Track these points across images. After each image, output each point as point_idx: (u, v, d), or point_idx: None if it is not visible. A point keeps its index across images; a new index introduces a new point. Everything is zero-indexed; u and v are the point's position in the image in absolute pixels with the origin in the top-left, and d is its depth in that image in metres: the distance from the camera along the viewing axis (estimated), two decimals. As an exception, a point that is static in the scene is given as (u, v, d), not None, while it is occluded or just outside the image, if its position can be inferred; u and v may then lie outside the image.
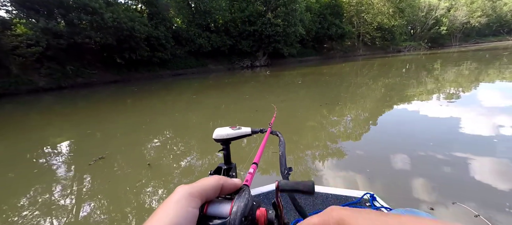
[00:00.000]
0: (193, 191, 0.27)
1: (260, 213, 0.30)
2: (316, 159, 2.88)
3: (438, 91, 6.32)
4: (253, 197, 0.31)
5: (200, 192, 0.28)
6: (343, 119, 4.42)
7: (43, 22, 11.19)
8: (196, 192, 0.27)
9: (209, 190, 0.29)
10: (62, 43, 12.68)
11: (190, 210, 0.26)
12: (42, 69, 13.39)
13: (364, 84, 8.43)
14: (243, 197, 0.29)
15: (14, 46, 12.14)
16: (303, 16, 25.57)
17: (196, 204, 0.27)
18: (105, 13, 12.93)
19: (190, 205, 0.26)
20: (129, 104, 8.15)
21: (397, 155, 2.73)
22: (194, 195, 0.27)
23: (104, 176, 2.76)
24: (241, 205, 0.28)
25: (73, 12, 12.26)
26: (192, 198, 0.27)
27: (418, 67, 13.59)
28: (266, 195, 1.16)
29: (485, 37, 49.36)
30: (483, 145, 2.85)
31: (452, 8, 44.62)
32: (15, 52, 12.25)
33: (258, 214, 0.30)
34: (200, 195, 0.28)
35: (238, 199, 0.29)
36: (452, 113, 4.13)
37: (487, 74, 8.53)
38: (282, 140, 0.64)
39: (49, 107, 9.01)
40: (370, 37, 37.27)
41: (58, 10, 11.83)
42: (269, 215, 0.30)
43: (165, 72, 19.83)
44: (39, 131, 5.31)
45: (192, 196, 0.27)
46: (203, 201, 0.28)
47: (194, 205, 0.26)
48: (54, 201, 2.33)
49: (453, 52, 26.31)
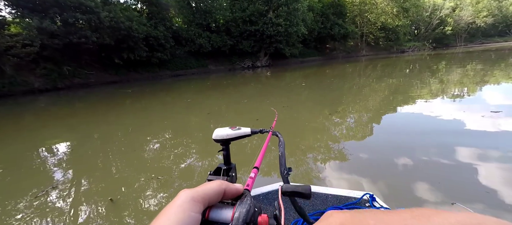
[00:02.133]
0: (196, 195, 0.27)
1: (261, 219, 0.30)
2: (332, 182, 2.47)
3: (450, 92, 6.00)
4: (254, 199, 0.31)
5: (203, 197, 0.28)
6: (361, 132, 3.78)
7: (37, 21, 10.83)
8: (199, 196, 0.28)
9: (212, 195, 0.29)
10: (58, 43, 12.34)
11: (193, 215, 0.26)
12: (37, 70, 13.09)
13: (377, 88, 7.96)
14: (245, 203, 0.30)
15: (8, 46, 11.82)
16: (305, 16, 25.08)
17: (199, 209, 0.27)
18: (102, 12, 12.57)
19: (192, 210, 0.26)
20: (113, 109, 7.78)
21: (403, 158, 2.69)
22: (197, 199, 0.27)
23: (101, 180, 2.71)
24: (243, 211, 0.28)
25: (68, 11, 11.91)
26: (194, 203, 0.27)
27: (425, 67, 13.10)
28: (266, 195, 1.14)
29: (490, 37, 48.47)
30: (486, 147, 2.80)
31: (457, 8, 43.86)
32: (10, 53, 11.92)
33: (260, 220, 0.30)
34: (202, 200, 0.28)
35: (240, 205, 0.29)
36: (474, 120, 3.81)
37: (492, 75, 8.29)
38: (281, 141, 0.62)
39: (39, 110, 8.66)
40: (374, 37, 36.65)
41: (53, 9, 11.47)
42: (270, 222, 0.30)
43: (164, 72, 19.49)
44: (33, 133, 5.15)
45: (195, 200, 0.27)
46: (205, 205, 0.28)
47: (197, 210, 0.27)
48: (49, 205, 2.27)
49: (459, 52, 25.73)
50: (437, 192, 2.01)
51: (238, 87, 10.44)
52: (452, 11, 43.60)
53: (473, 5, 43.42)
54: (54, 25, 11.40)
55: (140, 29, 15.48)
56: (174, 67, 20.30)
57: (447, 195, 1.95)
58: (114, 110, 7.42)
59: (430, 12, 43.10)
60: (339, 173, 2.53)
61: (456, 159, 2.54)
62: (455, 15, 43.18)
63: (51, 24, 11.29)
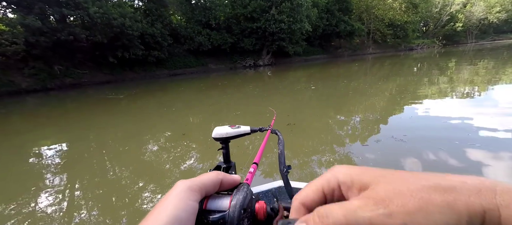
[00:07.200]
0: (193, 185, 0.27)
1: (259, 206, 0.30)
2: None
3: (460, 92, 5.39)
4: (253, 193, 0.32)
5: (200, 186, 0.28)
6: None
7: (20, 18, 10.07)
8: (196, 186, 0.28)
9: (209, 185, 0.29)
10: (46, 41, 11.57)
11: (190, 203, 0.26)
12: (25, 69, 12.38)
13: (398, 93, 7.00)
14: (242, 191, 0.30)
15: (-9, 44, 11.14)
16: (310, 12, 23.95)
17: (196, 198, 0.27)
18: (91, 7, 11.72)
19: (189, 199, 0.26)
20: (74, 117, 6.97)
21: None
22: (194, 189, 0.27)
23: (94, 183, 2.63)
24: (240, 198, 0.28)
25: (53, 6, 11.11)
26: (191, 192, 0.27)
27: (437, 67, 12.03)
28: (265, 193, 0.97)
29: (503, 34, 46.53)
30: (495, 150, 2.60)
31: (468, 3, 42.10)
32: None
33: (257, 207, 0.30)
34: (199, 189, 0.28)
35: (237, 193, 0.29)
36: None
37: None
38: (281, 139, 0.61)
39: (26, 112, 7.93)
40: (381, 34, 35.26)
41: (38, 4, 10.69)
42: (268, 208, 0.30)
43: (162, 71, 18.71)
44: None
45: (192, 190, 0.27)
46: (202, 195, 0.28)
47: (194, 198, 0.27)
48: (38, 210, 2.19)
49: (470, 50, 24.37)
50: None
51: (240, 88, 9.54)
52: (463, 6, 41.87)
53: (485, 0, 41.60)
54: (39, 22, 10.59)
55: (135, 26, 14.64)
56: (172, 66, 19.50)
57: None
58: (106, 113, 6.63)
59: (440, 8, 41.44)
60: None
61: (466, 160, 2.44)
62: (466, 11, 41.46)
63: (35, 20, 10.50)
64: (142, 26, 15.67)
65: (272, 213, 0.30)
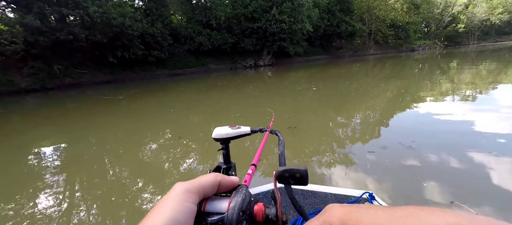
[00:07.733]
0: (191, 187, 0.27)
1: (258, 207, 0.30)
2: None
3: (461, 93, 5.35)
4: (251, 195, 0.31)
5: (198, 188, 0.28)
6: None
7: (19, 17, 10.00)
8: (194, 188, 0.27)
9: (207, 187, 0.29)
10: (45, 40, 11.49)
11: (188, 205, 0.25)
12: (24, 69, 12.32)
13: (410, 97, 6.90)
14: (241, 193, 0.29)
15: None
16: (311, 12, 23.81)
17: (194, 200, 0.27)
18: (90, 7, 11.64)
19: (187, 201, 0.26)
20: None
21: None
22: (192, 191, 0.27)
23: (94, 184, 2.58)
24: (238, 200, 0.28)
25: (52, 6, 11.04)
26: (189, 194, 0.26)
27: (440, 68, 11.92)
28: (265, 194, 1.14)
29: (505, 35, 46.28)
30: (500, 151, 2.61)
31: (470, 4, 41.91)
32: (-7, 51, 11.19)
33: (256, 209, 0.30)
34: (197, 191, 0.28)
35: (236, 195, 0.29)
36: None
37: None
38: (281, 140, 0.60)
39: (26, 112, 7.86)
40: (382, 35, 35.09)
41: (37, 4, 10.61)
42: (267, 210, 0.30)
43: (162, 71, 18.62)
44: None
45: (190, 192, 0.27)
46: (201, 197, 0.28)
47: (192, 200, 0.26)
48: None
49: (472, 51, 24.23)
50: (440, 192, 1.97)
51: (240, 87, 9.46)
52: (465, 8, 41.68)
53: (487, 1, 41.41)
54: (38, 21, 10.52)
55: (135, 26, 14.56)
56: (172, 66, 19.41)
57: (447, 195, 1.90)
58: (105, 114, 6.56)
59: (442, 9, 41.27)
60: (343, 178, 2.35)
61: (466, 162, 2.45)
62: (468, 12, 41.27)
63: (35, 19, 10.42)
64: (142, 26, 15.59)
65: (271, 214, 0.30)
